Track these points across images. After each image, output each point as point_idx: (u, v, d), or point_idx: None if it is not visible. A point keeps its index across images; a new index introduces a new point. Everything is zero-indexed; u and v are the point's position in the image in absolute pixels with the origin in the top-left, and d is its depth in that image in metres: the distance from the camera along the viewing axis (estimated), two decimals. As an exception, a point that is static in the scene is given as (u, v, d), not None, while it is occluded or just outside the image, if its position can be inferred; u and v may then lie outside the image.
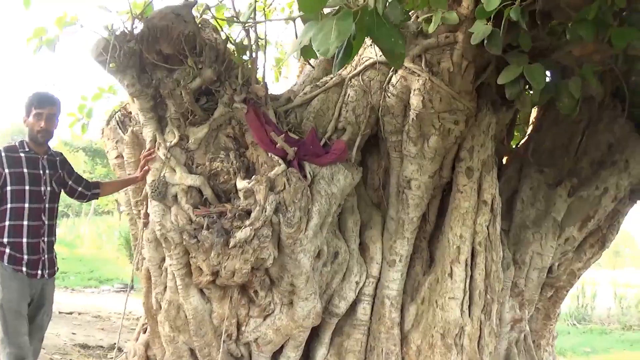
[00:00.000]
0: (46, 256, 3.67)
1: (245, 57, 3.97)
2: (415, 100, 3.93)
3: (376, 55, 4.07)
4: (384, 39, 2.52)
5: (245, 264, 3.50)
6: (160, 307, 3.99)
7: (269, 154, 3.62)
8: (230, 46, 3.99)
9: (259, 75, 4.09)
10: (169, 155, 3.71)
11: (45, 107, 3.68)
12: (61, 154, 3.94)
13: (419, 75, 3.91)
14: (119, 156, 4.42)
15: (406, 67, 3.93)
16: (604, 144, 4.76)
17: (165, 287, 3.95)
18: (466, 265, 4.11)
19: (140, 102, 3.75)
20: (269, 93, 3.94)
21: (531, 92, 4.20)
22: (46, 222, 3.67)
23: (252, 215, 3.46)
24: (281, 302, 3.89)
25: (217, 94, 3.77)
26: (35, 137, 3.65)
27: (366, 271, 4.16)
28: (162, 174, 3.70)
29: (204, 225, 3.53)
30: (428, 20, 3.78)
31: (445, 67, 3.89)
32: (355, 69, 4.18)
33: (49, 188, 3.72)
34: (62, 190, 3.89)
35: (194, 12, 3.83)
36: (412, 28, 3.96)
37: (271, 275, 3.80)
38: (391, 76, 4.05)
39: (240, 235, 3.43)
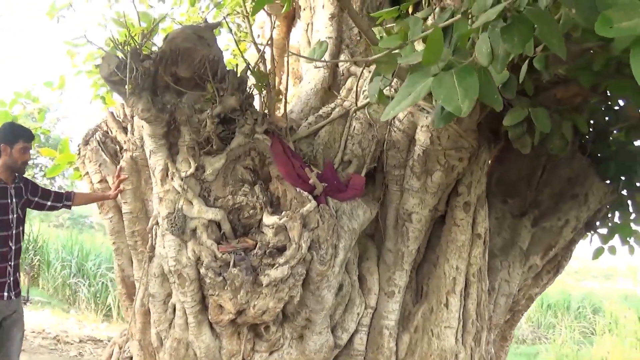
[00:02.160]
0: (11, 278, 3.95)
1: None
2: (422, 137, 4.00)
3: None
4: (488, 96, 2.56)
5: (279, 303, 3.41)
6: (162, 344, 3.78)
7: (297, 189, 3.54)
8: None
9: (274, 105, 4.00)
10: (186, 186, 3.53)
11: (30, 141, 4.04)
12: (24, 178, 4.15)
13: (428, 112, 3.99)
14: (103, 180, 4.16)
15: (417, 105, 4.00)
16: (563, 177, 5.09)
17: (171, 323, 3.75)
18: (460, 295, 4.25)
19: (154, 128, 3.54)
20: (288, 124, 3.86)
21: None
22: (13, 247, 3.95)
23: (288, 253, 3.37)
24: (291, 337, 3.81)
25: (237, 123, 3.64)
26: (19, 168, 4.01)
27: (364, 302, 4.18)
28: (178, 207, 3.51)
29: (231, 263, 3.40)
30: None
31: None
32: (358, 100, 4.21)
33: (15, 215, 3.98)
34: (28, 209, 4.16)
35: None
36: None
37: (286, 311, 3.73)
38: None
39: (275, 274, 3.33)
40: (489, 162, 4.39)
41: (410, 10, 4.24)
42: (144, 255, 3.91)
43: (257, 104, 4.00)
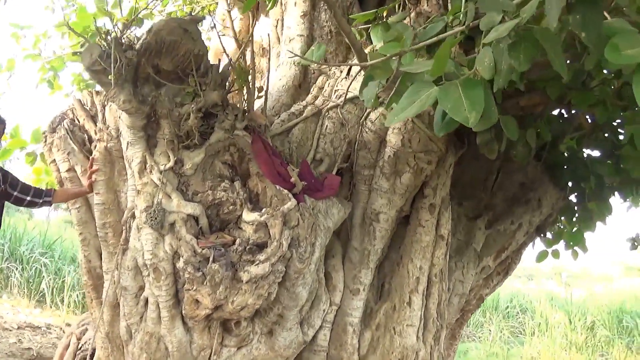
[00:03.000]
0: None
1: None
2: (394, 139, 4.10)
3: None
4: (486, 109, 2.65)
5: (258, 299, 3.44)
6: (131, 338, 3.75)
7: (277, 187, 3.58)
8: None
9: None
10: (165, 180, 3.51)
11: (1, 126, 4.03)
12: (1, 168, 4.00)
13: (402, 115, 4.08)
14: (71, 169, 4.08)
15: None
16: (517, 182, 5.31)
17: (142, 317, 3.72)
18: (422, 294, 4.39)
19: (133, 120, 3.49)
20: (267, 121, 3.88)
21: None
22: None
23: (269, 250, 3.41)
24: (260, 332, 3.85)
25: (217, 118, 3.64)
26: None
27: (329, 299, 4.26)
28: (157, 200, 3.49)
29: (210, 258, 3.41)
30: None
31: (427, 110, 4.12)
32: (330, 99, 4.27)
33: None
34: (4, 202, 4.01)
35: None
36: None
37: (259, 306, 3.76)
38: (370, 112, 4.19)
39: (256, 270, 3.36)
40: (453, 164, 4.53)
41: (384, 14, 4.32)
42: (114, 247, 3.86)
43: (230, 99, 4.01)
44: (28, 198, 4.02)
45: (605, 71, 4.06)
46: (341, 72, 4.40)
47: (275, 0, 2.98)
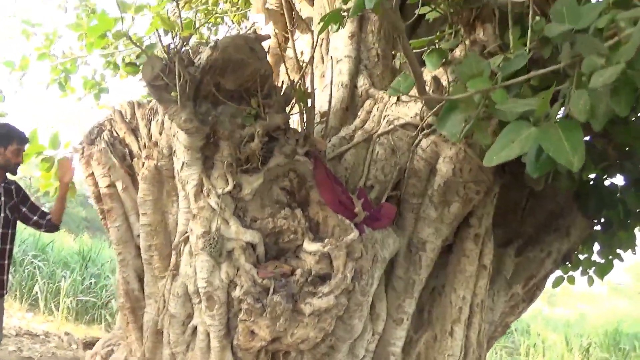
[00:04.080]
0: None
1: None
2: (445, 168, 4.02)
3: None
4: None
5: (320, 333, 3.33)
6: (176, 367, 3.61)
7: (340, 217, 3.47)
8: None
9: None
10: (223, 205, 3.38)
11: (24, 144, 4.27)
12: (15, 182, 4.28)
13: (453, 144, 4.01)
14: (111, 185, 3.93)
15: (441, 134, 4.02)
16: (546, 210, 5.27)
17: (188, 346, 3.58)
18: (464, 324, 4.32)
19: (192, 140, 3.35)
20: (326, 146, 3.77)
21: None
22: None
23: (333, 282, 3.30)
24: (308, 363, 3.74)
25: (277, 142, 3.52)
26: (12, 170, 4.15)
27: (372, 328, 4.16)
28: (216, 226, 3.36)
29: (271, 289, 3.29)
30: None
31: (479, 140, 4.05)
32: (379, 124, 4.18)
33: (2, 214, 4.09)
34: (16, 217, 4.23)
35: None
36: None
37: (309, 338, 3.65)
38: (421, 139, 4.10)
39: (320, 303, 3.25)
40: (497, 194, 4.47)
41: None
42: (160, 271, 3.72)
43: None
44: (34, 217, 4.26)
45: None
46: (389, 97, 4.30)
47: (355, 13, 2.88)
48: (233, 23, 5.92)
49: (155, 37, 4.54)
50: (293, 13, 5.57)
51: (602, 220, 5.49)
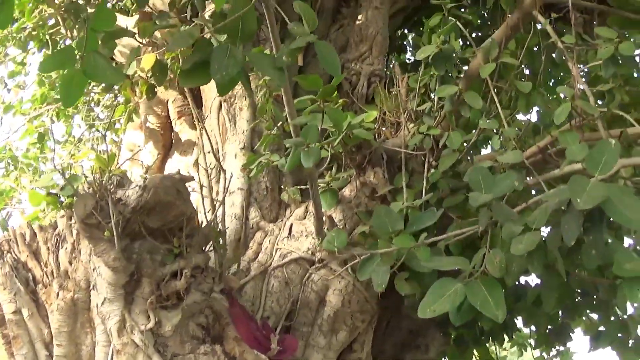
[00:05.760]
0: None
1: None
2: (334, 299, 4.38)
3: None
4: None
5: None
6: None
7: (255, 352, 3.65)
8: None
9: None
10: (147, 341, 3.44)
11: None
12: None
13: (342, 278, 4.40)
14: (17, 311, 3.79)
15: (331, 268, 4.39)
16: (406, 329, 5.78)
17: None
18: None
19: (118, 278, 3.42)
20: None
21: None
22: None
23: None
24: None
25: (194, 279, 3.67)
26: None
27: None
28: (138, 364, 3.39)
29: None
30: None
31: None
32: (272, 258, 4.47)
33: None
34: None
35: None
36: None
37: None
38: (312, 273, 4.44)
39: None
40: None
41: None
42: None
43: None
44: None
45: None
46: (280, 229, 4.64)
47: (291, 167, 3.25)
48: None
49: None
50: (172, 134, 5.80)
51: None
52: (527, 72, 5.94)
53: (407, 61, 8.00)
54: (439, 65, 4.24)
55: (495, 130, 4.18)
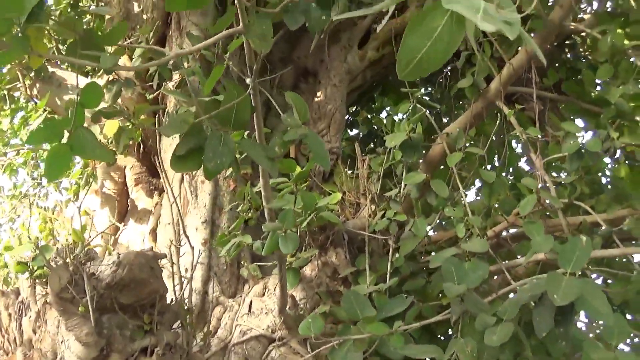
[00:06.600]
0: None
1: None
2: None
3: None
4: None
5: None
6: None
7: None
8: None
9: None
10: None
11: None
12: None
13: (301, 356, 4.46)
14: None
15: (291, 346, 4.45)
16: None
17: None
18: None
19: (88, 352, 3.40)
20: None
21: None
22: None
23: None
24: None
25: (163, 357, 3.66)
26: None
27: None
28: None
29: None
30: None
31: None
32: (232, 334, 4.49)
33: None
34: None
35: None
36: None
37: None
38: (272, 350, 4.48)
39: None
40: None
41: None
42: None
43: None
44: None
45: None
46: (239, 305, 4.68)
47: (269, 252, 3.35)
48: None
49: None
50: (128, 201, 5.79)
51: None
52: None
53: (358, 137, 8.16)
54: (408, 153, 4.42)
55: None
